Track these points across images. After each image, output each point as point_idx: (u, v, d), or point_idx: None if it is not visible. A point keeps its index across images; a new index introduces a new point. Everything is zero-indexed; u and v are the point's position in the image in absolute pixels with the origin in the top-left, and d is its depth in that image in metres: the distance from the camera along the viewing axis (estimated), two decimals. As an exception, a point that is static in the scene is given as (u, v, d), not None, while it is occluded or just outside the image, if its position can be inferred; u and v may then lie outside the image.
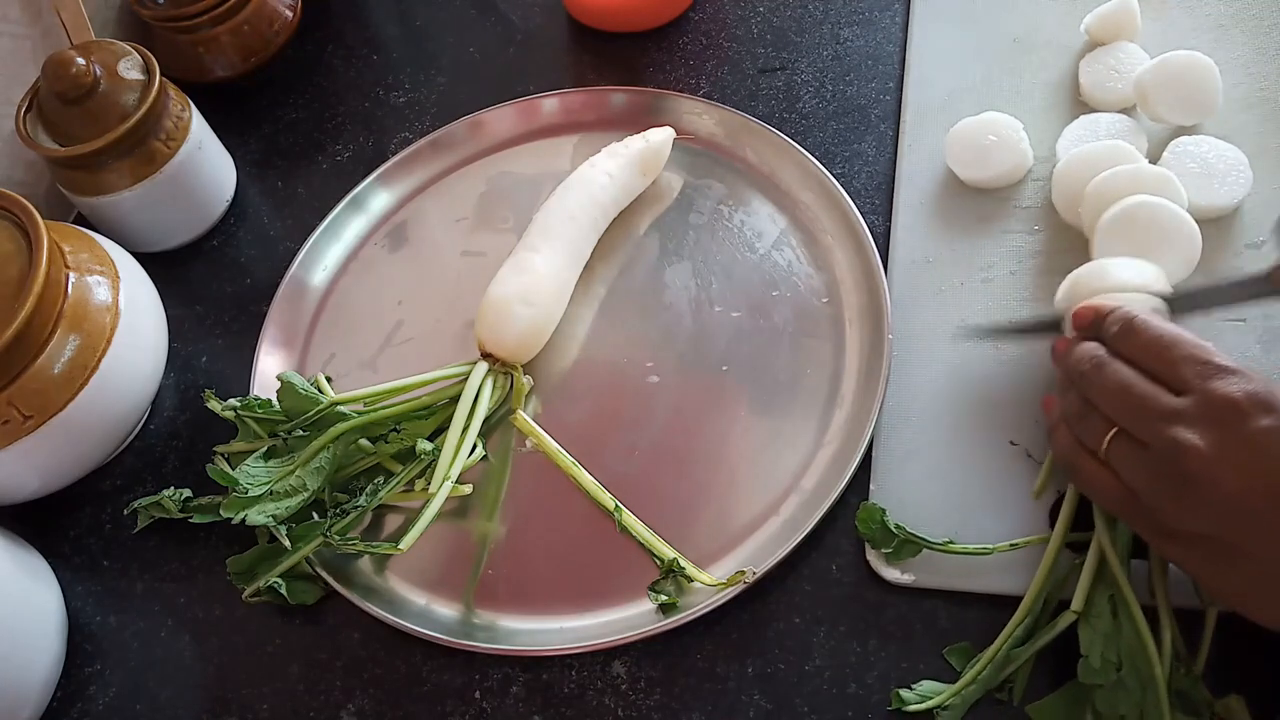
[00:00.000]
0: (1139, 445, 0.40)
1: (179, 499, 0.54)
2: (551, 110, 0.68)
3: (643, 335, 0.58)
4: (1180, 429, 0.38)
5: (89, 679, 0.53)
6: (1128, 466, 0.41)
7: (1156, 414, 0.40)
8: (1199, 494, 0.38)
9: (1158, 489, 0.40)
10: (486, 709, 0.49)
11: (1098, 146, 0.54)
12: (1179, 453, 0.38)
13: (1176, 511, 0.39)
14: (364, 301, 0.63)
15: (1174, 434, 0.39)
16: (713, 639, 0.49)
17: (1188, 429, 0.38)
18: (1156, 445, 0.39)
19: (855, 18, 0.69)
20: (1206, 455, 0.38)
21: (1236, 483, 0.37)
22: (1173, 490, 0.39)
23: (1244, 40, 0.60)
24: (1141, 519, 0.41)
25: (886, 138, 0.63)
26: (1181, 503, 0.39)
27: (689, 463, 0.53)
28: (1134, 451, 0.40)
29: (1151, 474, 0.40)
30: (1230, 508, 0.38)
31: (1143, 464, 0.40)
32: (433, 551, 0.53)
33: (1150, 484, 0.40)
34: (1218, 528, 0.38)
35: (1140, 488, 0.40)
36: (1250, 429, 0.37)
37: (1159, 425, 0.39)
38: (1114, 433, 0.41)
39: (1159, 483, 0.39)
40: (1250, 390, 0.38)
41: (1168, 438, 0.39)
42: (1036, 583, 0.45)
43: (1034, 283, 0.55)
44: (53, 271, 0.51)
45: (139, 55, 0.62)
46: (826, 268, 0.58)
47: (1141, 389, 0.41)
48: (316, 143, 0.71)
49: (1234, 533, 0.38)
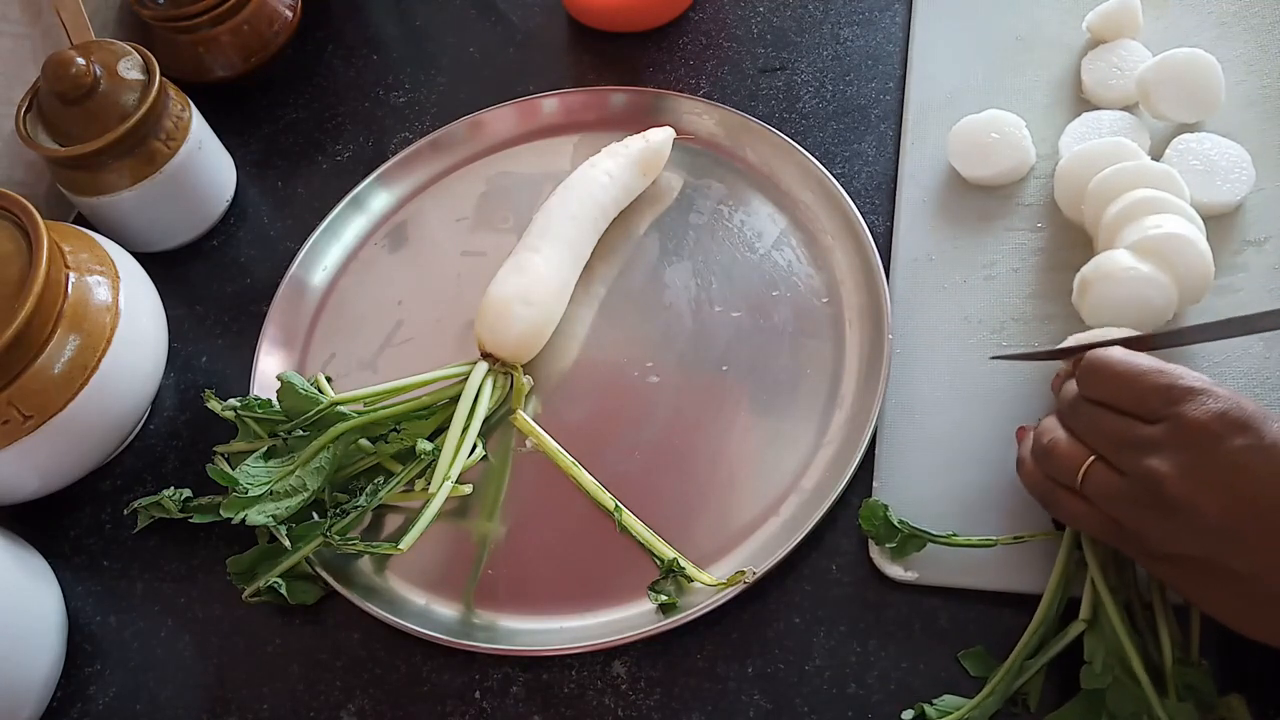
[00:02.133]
0: (1116, 475, 0.40)
1: (179, 499, 0.54)
2: (551, 110, 0.67)
3: (643, 335, 0.58)
4: (1154, 458, 0.39)
5: (89, 679, 0.53)
6: (1105, 496, 0.41)
7: (1131, 444, 0.40)
8: (1181, 519, 0.38)
9: (1139, 516, 0.40)
10: (486, 709, 0.49)
11: (1100, 143, 0.54)
12: (1156, 481, 0.38)
13: (1160, 538, 0.39)
14: (364, 301, 0.63)
15: (1149, 463, 0.39)
16: (713, 639, 0.49)
17: (1162, 457, 0.38)
18: (1134, 474, 0.40)
19: (855, 18, 0.68)
20: (1184, 481, 0.38)
21: (1216, 505, 0.37)
22: (1154, 517, 0.39)
23: (1246, 37, 0.60)
24: (1127, 543, 0.42)
25: (887, 138, 0.62)
26: (1164, 528, 0.39)
27: (689, 463, 0.53)
28: (1110, 481, 0.41)
29: (1131, 503, 0.40)
30: (1213, 530, 0.38)
31: (1121, 493, 0.40)
32: (433, 551, 0.53)
33: (1131, 512, 0.40)
34: (1203, 550, 0.38)
35: (1119, 515, 0.41)
36: (1224, 450, 0.37)
37: (1133, 455, 0.40)
38: (1090, 462, 0.41)
39: (1140, 511, 0.40)
40: (1219, 411, 0.38)
41: (1144, 467, 0.39)
42: (1050, 589, 0.45)
43: (1036, 280, 0.55)
44: (53, 271, 0.51)
45: (139, 55, 0.62)
46: (826, 268, 0.58)
47: (1113, 421, 0.41)
48: (316, 143, 0.71)
49: (1220, 553, 0.38)
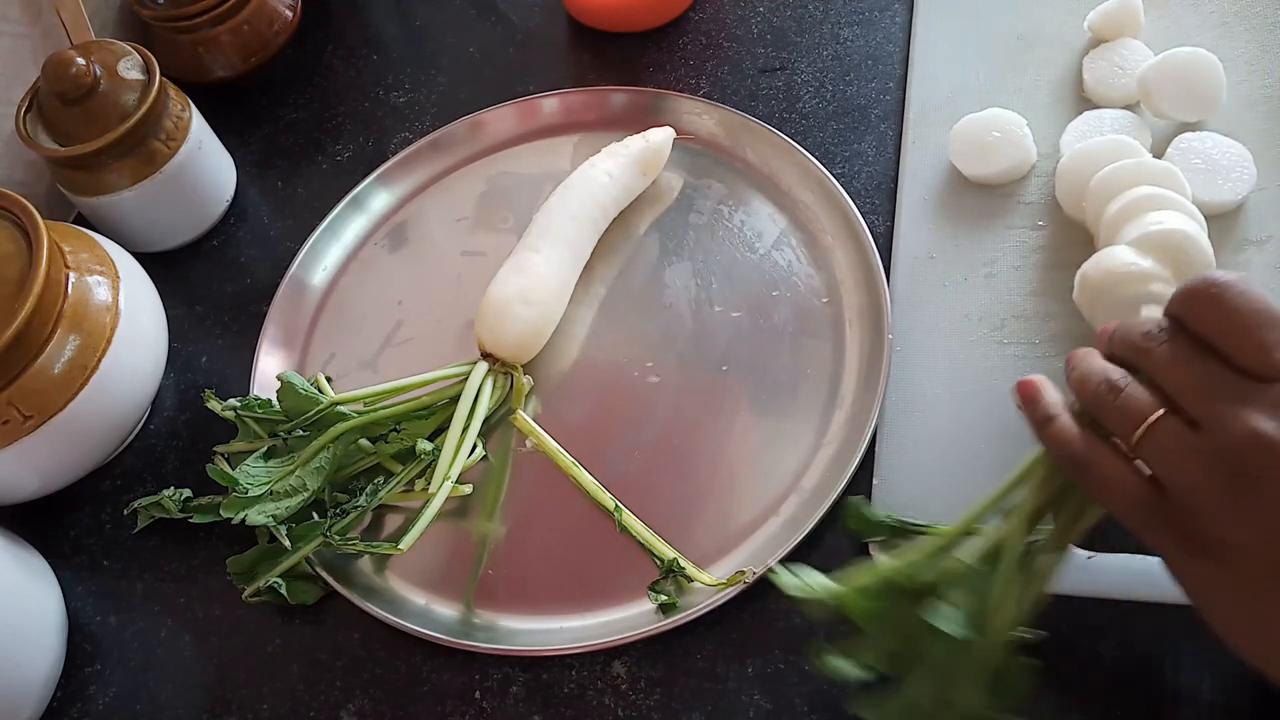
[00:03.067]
0: (1189, 430, 0.34)
1: (179, 499, 0.54)
2: (551, 110, 0.67)
3: (643, 335, 0.58)
4: (1256, 414, 0.32)
5: (89, 679, 0.53)
6: (1171, 456, 0.34)
7: (1229, 393, 0.33)
8: (1260, 496, 0.32)
9: (1204, 486, 0.33)
10: (486, 709, 0.49)
11: (1101, 141, 0.54)
12: (1248, 442, 0.32)
13: (1222, 514, 0.33)
14: (364, 301, 0.63)
15: (1247, 419, 0.32)
16: (713, 639, 0.48)
17: (1266, 416, 0.32)
18: (1220, 431, 0.33)
19: (855, 18, 0.68)
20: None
21: None
22: (1225, 487, 0.33)
23: (1248, 37, 0.60)
24: (1165, 525, 0.35)
25: (887, 138, 0.62)
26: (1234, 504, 0.33)
27: (689, 462, 0.53)
28: (1183, 438, 0.34)
29: (1202, 465, 0.33)
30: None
31: (1193, 452, 0.34)
32: (433, 551, 0.53)
33: (1196, 478, 0.34)
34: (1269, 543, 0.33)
35: (1180, 482, 0.34)
36: None
37: (1228, 406, 0.33)
38: (1158, 415, 0.35)
39: (1209, 477, 0.33)
40: None
41: (1239, 423, 0.32)
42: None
43: (1038, 277, 0.55)
44: (53, 271, 0.51)
45: (139, 55, 0.62)
46: (826, 268, 0.58)
47: (1213, 364, 0.34)
48: (316, 143, 0.71)
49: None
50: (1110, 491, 0.36)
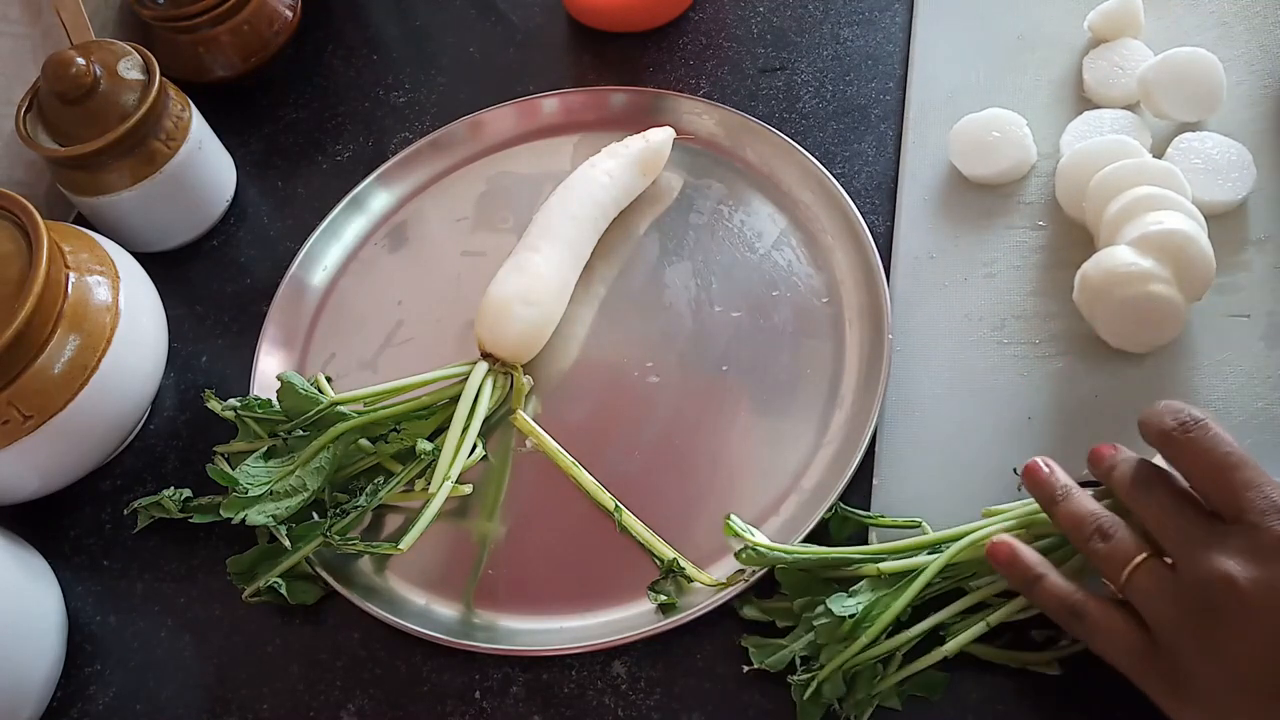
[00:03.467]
0: (1169, 572, 0.37)
1: (179, 499, 0.54)
2: (551, 110, 0.67)
3: (643, 335, 0.58)
4: (1221, 555, 0.35)
5: (89, 679, 0.53)
6: (1152, 595, 0.37)
7: (1200, 536, 0.36)
8: (1227, 632, 0.35)
9: (1180, 622, 0.36)
10: (486, 709, 0.49)
11: (1101, 141, 0.54)
12: (1213, 582, 0.35)
13: (1197, 652, 0.36)
14: (364, 301, 0.63)
15: (1213, 560, 0.35)
16: (713, 639, 0.48)
17: (1229, 558, 0.35)
18: (1190, 570, 0.36)
19: (855, 18, 0.68)
20: (1244, 591, 0.34)
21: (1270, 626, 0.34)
22: (1197, 623, 0.36)
23: (1247, 37, 0.60)
24: (1157, 672, 0.37)
25: (887, 137, 0.62)
26: (1206, 641, 0.35)
27: (689, 462, 0.53)
28: (1163, 578, 0.37)
29: (1178, 604, 0.36)
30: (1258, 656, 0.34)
31: (1171, 591, 0.37)
32: (433, 551, 0.53)
33: (1172, 615, 0.36)
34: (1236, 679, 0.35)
35: (1160, 620, 0.37)
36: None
37: (1197, 548, 0.36)
38: (1142, 558, 0.38)
39: (1183, 614, 0.36)
40: None
41: (1207, 563, 0.35)
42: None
43: (1038, 277, 0.55)
44: (53, 271, 0.51)
45: (139, 55, 0.62)
46: (826, 268, 0.58)
47: (1189, 510, 0.38)
48: (316, 143, 0.71)
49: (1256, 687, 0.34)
50: (1104, 638, 0.39)
